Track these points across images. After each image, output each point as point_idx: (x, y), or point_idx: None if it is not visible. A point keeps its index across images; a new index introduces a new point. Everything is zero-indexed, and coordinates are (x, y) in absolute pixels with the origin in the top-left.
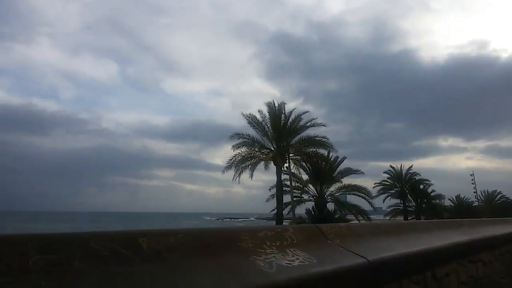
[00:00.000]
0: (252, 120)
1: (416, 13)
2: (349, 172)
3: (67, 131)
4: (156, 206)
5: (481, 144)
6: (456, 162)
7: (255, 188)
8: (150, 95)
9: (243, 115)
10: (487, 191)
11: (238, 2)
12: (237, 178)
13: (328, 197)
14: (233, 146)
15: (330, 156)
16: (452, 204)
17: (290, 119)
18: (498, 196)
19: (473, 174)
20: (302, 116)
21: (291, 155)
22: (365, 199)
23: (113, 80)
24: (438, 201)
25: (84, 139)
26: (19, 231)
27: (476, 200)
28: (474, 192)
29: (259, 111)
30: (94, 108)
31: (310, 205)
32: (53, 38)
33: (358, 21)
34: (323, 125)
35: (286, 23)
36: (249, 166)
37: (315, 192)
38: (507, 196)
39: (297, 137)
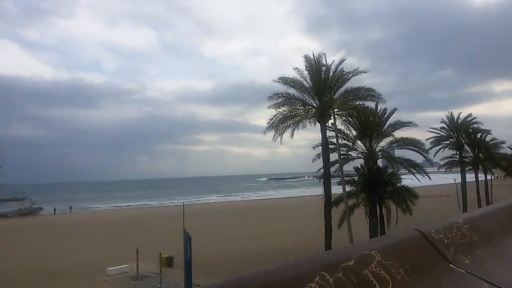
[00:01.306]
0: (287, 81)
1: None
2: (400, 124)
3: (115, 102)
4: (205, 170)
5: None
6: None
7: (301, 147)
8: (189, 60)
9: (279, 78)
10: None
11: None
12: (279, 139)
13: (379, 153)
14: (270, 106)
15: (379, 109)
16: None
17: (331, 71)
18: None
19: None
20: (342, 65)
21: (335, 110)
22: (419, 152)
23: (152, 47)
24: (497, 150)
25: (131, 109)
26: None
27: None
28: None
29: (294, 68)
30: (136, 77)
31: (358, 162)
32: (91, 10)
33: None
34: (365, 72)
35: None
36: (291, 126)
37: (364, 149)
38: None
39: (341, 90)
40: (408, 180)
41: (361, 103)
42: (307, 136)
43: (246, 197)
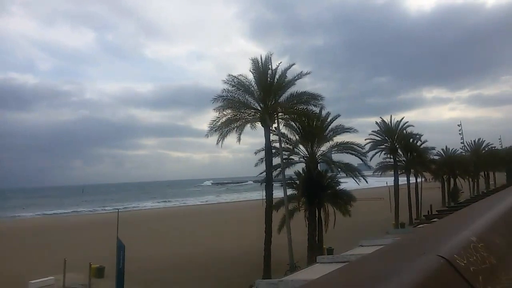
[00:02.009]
0: (233, 81)
1: None
2: (341, 129)
3: (50, 104)
4: (144, 175)
5: (465, 93)
6: (439, 114)
7: (243, 151)
8: (131, 62)
9: (227, 77)
10: (474, 141)
11: None
12: (221, 143)
13: (320, 157)
14: (214, 109)
15: (322, 114)
16: (438, 156)
17: (277, 75)
18: (484, 145)
19: (460, 124)
20: (289, 71)
21: (280, 114)
22: (358, 156)
23: (92, 48)
24: (428, 154)
25: (67, 112)
26: None
27: (463, 150)
28: (461, 142)
29: (239, 75)
30: (74, 79)
31: (300, 167)
32: (27, 7)
33: None
34: (308, 73)
35: None
36: (235, 129)
37: (306, 153)
38: (491, 144)
39: (285, 94)
40: (344, 183)
41: (305, 108)
42: (248, 141)
43: (186, 203)
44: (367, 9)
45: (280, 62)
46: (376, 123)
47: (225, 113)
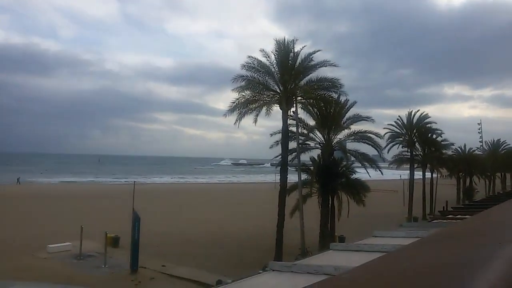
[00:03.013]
0: (254, 63)
1: None
2: (358, 118)
3: (70, 72)
4: (158, 149)
5: (487, 92)
6: (459, 111)
7: (258, 133)
8: (153, 36)
9: (248, 58)
10: (493, 140)
11: None
12: (238, 123)
13: (336, 145)
14: (233, 89)
15: (340, 100)
16: (455, 153)
17: (299, 59)
18: (503, 146)
19: (480, 123)
20: (312, 56)
21: (299, 98)
22: (374, 147)
23: (115, 18)
24: (447, 150)
25: (86, 81)
26: None
27: (480, 150)
28: (480, 141)
29: (260, 50)
30: (96, 48)
31: (315, 153)
32: None
33: None
34: (335, 65)
35: None
36: (253, 110)
37: (322, 139)
38: (510, 145)
39: (306, 78)
40: (359, 174)
41: (324, 93)
42: (264, 123)
43: (203, 180)
44: None
45: (304, 46)
46: (398, 117)
47: (243, 94)
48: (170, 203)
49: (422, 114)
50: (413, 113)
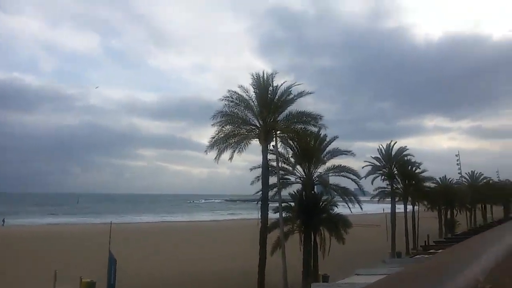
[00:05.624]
0: (232, 97)
1: None
2: (339, 152)
3: (54, 107)
4: (140, 186)
5: (465, 124)
6: (439, 143)
7: (240, 168)
8: (136, 70)
9: (228, 92)
10: (473, 172)
11: None
12: (218, 159)
13: (316, 179)
14: (214, 124)
15: (320, 134)
16: (435, 184)
17: (279, 92)
18: (481, 178)
19: (458, 154)
20: (291, 89)
21: (278, 132)
22: (354, 181)
23: (98, 53)
24: (426, 183)
25: (70, 116)
26: None
27: (460, 180)
28: (458, 173)
29: (239, 86)
30: (78, 82)
31: (295, 187)
32: (35, 6)
33: None
34: (310, 93)
35: None
36: (232, 145)
37: (303, 174)
38: (489, 177)
39: (285, 112)
40: (341, 207)
41: (303, 127)
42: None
43: (183, 219)
44: (375, 35)
45: (285, 81)
46: (378, 149)
47: (223, 129)
48: (150, 243)
49: (400, 147)
50: (391, 145)
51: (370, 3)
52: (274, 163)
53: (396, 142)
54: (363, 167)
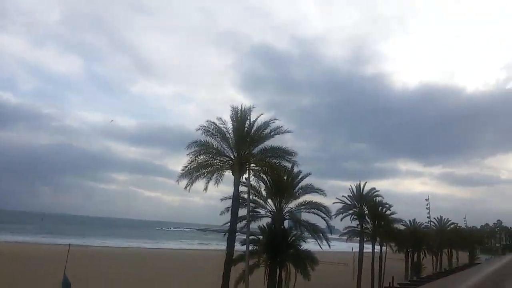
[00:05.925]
0: (210, 127)
1: (395, 37)
2: (311, 189)
3: (28, 126)
4: (111, 210)
5: (437, 170)
6: (411, 186)
7: (213, 198)
8: (118, 96)
9: (206, 122)
10: (441, 217)
11: (226, 9)
12: (189, 188)
13: (286, 214)
14: (188, 153)
15: (294, 171)
16: (405, 227)
17: (255, 126)
18: (449, 223)
19: (428, 199)
20: (270, 124)
21: (252, 165)
22: (324, 218)
23: (78, 76)
24: (396, 225)
25: (45, 136)
26: None
27: (429, 224)
28: (427, 217)
29: (217, 118)
30: (55, 103)
31: (265, 221)
32: (19, 26)
33: (340, 39)
34: (289, 132)
35: (270, 35)
36: (205, 175)
37: (273, 208)
38: (457, 223)
39: (260, 146)
40: (309, 243)
41: (277, 162)
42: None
43: (149, 246)
44: (356, 78)
45: (261, 114)
46: (349, 188)
47: (197, 158)
48: (110, 270)
49: (371, 187)
50: (362, 186)
51: (350, 50)
52: (246, 195)
53: (366, 183)
54: (333, 203)
